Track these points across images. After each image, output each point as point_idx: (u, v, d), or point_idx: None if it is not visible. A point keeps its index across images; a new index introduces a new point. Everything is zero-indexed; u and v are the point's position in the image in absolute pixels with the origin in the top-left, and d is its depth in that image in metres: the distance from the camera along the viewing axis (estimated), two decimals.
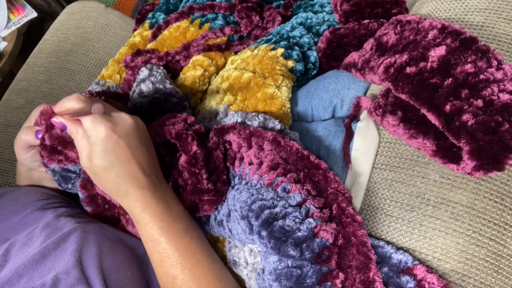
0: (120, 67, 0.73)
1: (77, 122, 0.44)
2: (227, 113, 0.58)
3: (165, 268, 0.44)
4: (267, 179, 0.47)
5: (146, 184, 0.45)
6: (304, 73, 0.66)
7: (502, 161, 0.42)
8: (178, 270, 0.44)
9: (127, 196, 0.44)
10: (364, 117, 0.55)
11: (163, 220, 0.44)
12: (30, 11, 1.29)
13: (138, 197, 0.44)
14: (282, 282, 0.40)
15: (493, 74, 0.44)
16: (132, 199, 0.44)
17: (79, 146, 0.44)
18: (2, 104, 0.91)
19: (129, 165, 0.43)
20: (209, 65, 0.69)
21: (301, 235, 0.41)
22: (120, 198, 0.45)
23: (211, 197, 0.48)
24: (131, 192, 0.44)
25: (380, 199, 0.49)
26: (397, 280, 0.42)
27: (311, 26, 0.70)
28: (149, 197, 0.44)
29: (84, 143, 0.44)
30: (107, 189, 0.45)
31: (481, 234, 0.44)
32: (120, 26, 1.01)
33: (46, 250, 0.43)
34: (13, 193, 0.56)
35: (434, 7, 0.58)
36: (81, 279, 0.41)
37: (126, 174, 0.43)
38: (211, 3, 0.78)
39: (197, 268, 0.44)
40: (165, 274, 0.44)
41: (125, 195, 0.44)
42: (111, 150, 0.42)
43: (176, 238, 0.44)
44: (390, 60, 0.50)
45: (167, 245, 0.44)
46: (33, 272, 0.41)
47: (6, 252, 0.45)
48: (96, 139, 0.42)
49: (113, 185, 0.44)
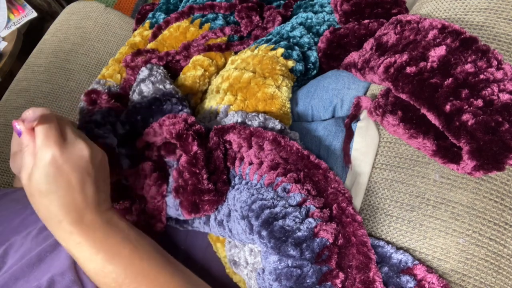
0: (120, 66, 0.73)
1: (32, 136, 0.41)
2: (227, 113, 0.58)
3: None
4: (267, 179, 0.47)
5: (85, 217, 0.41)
6: (304, 73, 0.66)
7: (502, 161, 0.42)
8: None
9: (59, 228, 0.41)
10: (364, 117, 0.55)
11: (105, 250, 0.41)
12: (30, 11, 1.29)
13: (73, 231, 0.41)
14: (282, 282, 0.40)
15: (493, 74, 0.44)
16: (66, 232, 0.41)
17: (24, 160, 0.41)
18: (2, 104, 0.91)
19: (67, 195, 0.40)
20: (209, 65, 0.69)
21: (301, 235, 0.41)
22: (52, 228, 0.41)
23: (211, 197, 0.49)
24: (64, 224, 0.41)
25: (380, 199, 0.49)
26: (397, 280, 0.42)
27: (311, 26, 0.70)
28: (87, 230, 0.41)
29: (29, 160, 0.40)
30: (40, 214, 0.42)
31: (481, 234, 0.44)
32: (120, 26, 1.01)
33: (42, 253, 0.43)
34: (14, 194, 0.56)
35: (434, 7, 0.58)
36: (76, 281, 0.41)
37: (61, 204, 0.40)
38: (211, 3, 0.78)
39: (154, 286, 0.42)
40: None
41: (58, 227, 0.41)
42: (52, 176, 0.39)
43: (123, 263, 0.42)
44: (390, 60, 0.50)
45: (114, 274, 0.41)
46: (29, 275, 0.41)
47: (5, 254, 0.45)
48: (40, 160, 0.39)
49: (47, 213, 0.41)
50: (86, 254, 0.41)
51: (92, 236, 0.41)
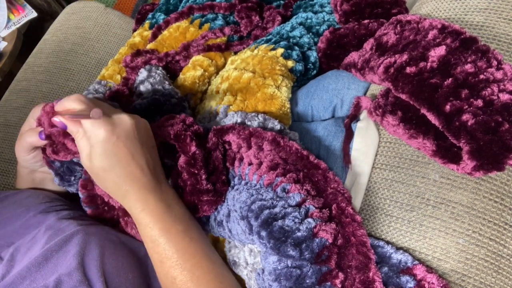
0: (120, 67, 0.73)
1: (77, 122, 0.45)
2: (227, 113, 0.58)
3: (164, 269, 0.44)
4: (266, 179, 0.47)
5: (146, 184, 0.45)
6: (304, 73, 0.65)
7: (502, 161, 0.42)
8: (178, 271, 0.44)
9: (126, 197, 0.45)
10: (364, 117, 0.55)
11: (163, 220, 0.45)
12: (30, 11, 1.29)
13: (138, 198, 0.44)
14: (281, 282, 0.40)
15: (493, 74, 0.44)
16: (131, 199, 0.44)
17: (80, 146, 0.45)
18: (2, 104, 0.91)
19: (128, 166, 0.44)
20: (209, 65, 0.69)
21: (300, 235, 0.41)
22: (120, 198, 0.45)
23: (210, 198, 0.48)
24: (131, 193, 0.44)
25: (380, 199, 0.49)
26: (397, 280, 0.42)
27: (311, 26, 0.70)
28: (149, 198, 0.45)
29: (84, 143, 0.44)
30: (108, 189, 0.46)
31: (481, 234, 0.44)
32: (120, 26, 1.01)
33: (48, 252, 0.43)
34: (15, 196, 0.56)
35: (434, 7, 0.58)
36: (83, 282, 0.41)
37: (125, 175, 0.44)
38: (211, 3, 0.78)
39: (196, 269, 0.44)
40: (165, 275, 0.44)
41: (125, 196, 0.45)
42: (110, 151, 0.43)
43: (175, 239, 0.44)
44: (390, 60, 0.50)
45: (166, 246, 0.44)
46: (36, 275, 0.41)
47: (12, 258, 0.45)
48: (96, 140, 0.43)
49: (113, 186, 0.44)
50: (147, 221, 0.44)
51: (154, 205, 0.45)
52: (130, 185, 0.44)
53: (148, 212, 0.44)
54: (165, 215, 0.45)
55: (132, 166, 0.44)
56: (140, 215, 0.45)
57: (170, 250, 0.44)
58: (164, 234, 0.44)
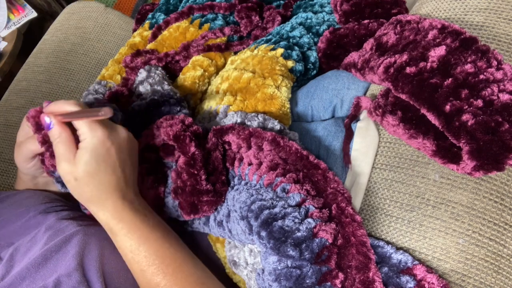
0: (120, 67, 0.73)
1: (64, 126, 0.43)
2: (226, 113, 0.58)
3: (147, 277, 0.44)
4: (266, 179, 0.47)
5: (125, 195, 0.45)
6: (304, 73, 0.65)
7: (502, 161, 0.42)
8: (160, 277, 0.44)
9: (104, 206, 0.44)
10: (364, 117, 0.55)
11: (141, 229, 0.45)
12: (30, 11, 1.29)
13: (115, 208, 0.44)
14: (281, 283, 0.40)
15: (493, 74, 0.44)
16: (109, 209, 0.44)
17: (57, 149, 0.43)
18: (2, 104, 0.91)
19: (113, 174, 0.44)
20: (209, 65, 0.69)
21: (300, 235, 0.41)
22: (97, 207, 0.45)
23: (210, 198, 0.48)
24: (109, 202, 0.44)
25: (380, 199, 0.49)
26: (397, 280, 0.42)
27: (311, 26, 0.70)
28: (128, 208, 0.45)
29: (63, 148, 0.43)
30: (84, 197, 0.44)
31: (481, 234, 0.44)
32: (120, 26, 1.01)
33: (48, 253, 0.43)
34: (15, 196, 0.56)
35: (434, 7, 0.58)
36: (83, 282, 0.41)
37: (108, 183, 0.44)
38: (211, 3, 0.77)
39: (178, 272, 0.44)
40: (148, 283, 0.44)
41: (103, 205, 0.44)
42: (101, 156, 0.43)
43: (155, 245, 0.45)
44: (390, 60, 0.50)
45: (147, 253, 0.44)
46: (35, 275, 0.41)
47: (11, 258, 0.45)
48: (90, 143, 0.42)
49: (93, 193, 0.43)
50: (126, 231, 0.44)
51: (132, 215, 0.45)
52: (110, 194, 0.44)
53: (126, 222, 0.44)
54: (142, 224, 0.45)
55: (116, 175, 0.44)
56: (117, 226, 0.44)
57: (151, 257, 0.44)
58: (143, 242, 0.44)
